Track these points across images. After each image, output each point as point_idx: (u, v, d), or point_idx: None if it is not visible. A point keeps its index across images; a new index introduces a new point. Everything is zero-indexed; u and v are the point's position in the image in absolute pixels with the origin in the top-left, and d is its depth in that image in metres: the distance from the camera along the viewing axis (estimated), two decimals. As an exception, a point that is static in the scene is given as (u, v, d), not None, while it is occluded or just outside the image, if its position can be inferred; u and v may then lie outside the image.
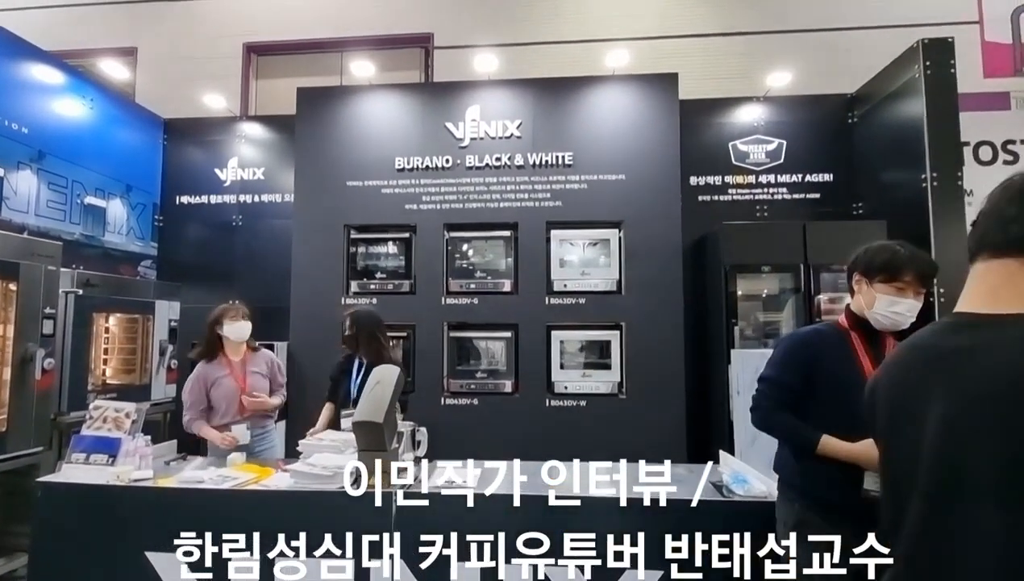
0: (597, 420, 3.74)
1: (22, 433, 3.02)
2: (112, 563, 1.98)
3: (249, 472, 2.20)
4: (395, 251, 4.07)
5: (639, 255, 3.82)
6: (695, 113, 4.32)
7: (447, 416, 3.78)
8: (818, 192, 4.35)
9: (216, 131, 5.03)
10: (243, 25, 6.01)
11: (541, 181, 3.96)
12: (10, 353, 2.98)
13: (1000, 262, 0.84)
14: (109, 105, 4.55)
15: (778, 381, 1.73)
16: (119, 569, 1.97)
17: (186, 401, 2.83)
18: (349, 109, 4.16)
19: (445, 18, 5.79)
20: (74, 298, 3.46)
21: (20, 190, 3.77)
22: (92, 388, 3.63)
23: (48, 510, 2.05)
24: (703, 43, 5.51)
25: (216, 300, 4.76)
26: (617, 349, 3.82)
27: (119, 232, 4.62)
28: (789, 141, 4.38)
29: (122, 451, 2.13)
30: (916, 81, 3.57)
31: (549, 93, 4.05)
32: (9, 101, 3.70)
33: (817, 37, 5.43)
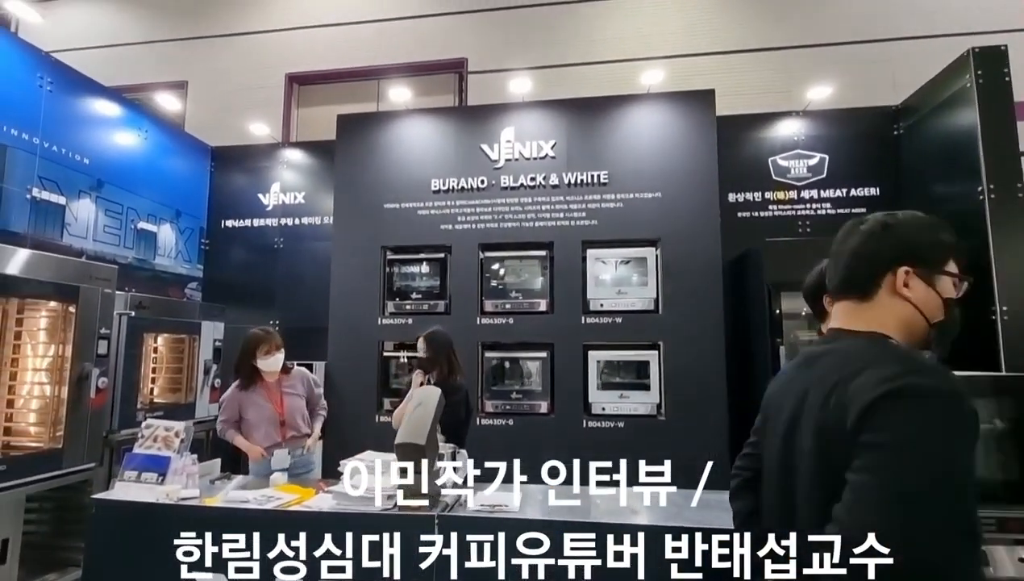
0: (636, 442, 3.64)
1: (77, 450, 3.13)
2: (159, 580, 2.01)
3: (292, 492, 2.22)
4: (431, 271, 4.11)
5: (677, 273, 3.75)
6: (732, 129, 4.26)
7: (482, 436, 3.75)
8: (864, 206, 4.20)
9: (260, 158, 5.24)
10: (285, 56, 6.30)
11: (576, 200, 3.95)
12: (68, 372, 3.12)
13: (840, 304, 1.07)
14: (161, 135, 4.80)
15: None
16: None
17: (221, 410, 2.95)
18: (386, 134, 4.27)
19: (478, 43, 5.93)
20: (127, 319, 3.61)
21: (80, 217, 3.98)
22: (141, 407, 3.75)
23: (102, 527, 2.10)
24: (737, 59, 5.47)
25: (259, 321, 4.91)
26: (656, 369, 3.73)
27: (168, 255, 4.82)
28: (831, 155, 4.26)
29: (171, 469, 2.18)
30: (968, 91, 3.43)
31: (583, 113, 4.07)
32: (73, 134, 3.94)
33: (856, 49, 5.32)
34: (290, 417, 2.95)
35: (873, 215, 1.06)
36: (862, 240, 1.03)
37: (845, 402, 0.87)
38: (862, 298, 1.02)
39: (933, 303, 0.99)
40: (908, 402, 0.81)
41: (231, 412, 2.92)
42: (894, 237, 1.01)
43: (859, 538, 0.79)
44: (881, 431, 0.81)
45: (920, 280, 0.99)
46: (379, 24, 6.16)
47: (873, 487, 0.80)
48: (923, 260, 0.99)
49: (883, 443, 0.81)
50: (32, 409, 3.16)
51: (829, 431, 0.89)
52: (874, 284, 1.01)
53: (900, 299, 0.99)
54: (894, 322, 0.99)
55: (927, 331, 1.00)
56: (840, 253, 1.07)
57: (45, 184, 3.72)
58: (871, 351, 0.94)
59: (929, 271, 0.99)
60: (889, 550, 0.77)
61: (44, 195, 3.71)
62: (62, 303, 3.11)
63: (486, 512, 1.99)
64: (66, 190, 3.86)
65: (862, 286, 1.02)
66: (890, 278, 1.00)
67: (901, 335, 0.99)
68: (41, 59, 3.76)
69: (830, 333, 1.07)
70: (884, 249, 1.01)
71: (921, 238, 1.01)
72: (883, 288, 1.00)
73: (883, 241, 1.01)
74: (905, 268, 0.99)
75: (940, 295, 0.99)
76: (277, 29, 6.39)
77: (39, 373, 3.17)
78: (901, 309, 0.99)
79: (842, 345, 1.00)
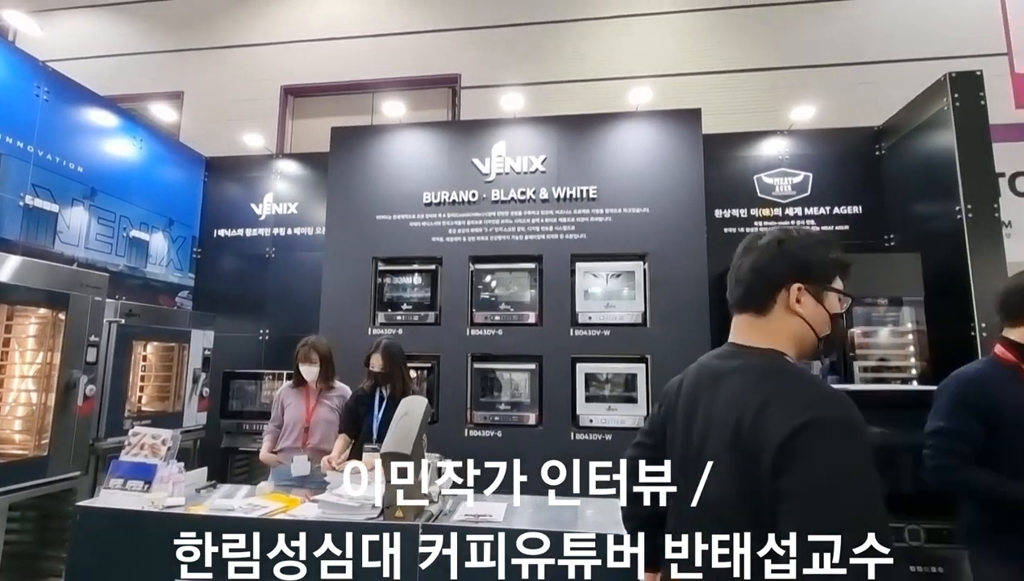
0: (623, 453, 3.66)
1: (62, 458, 3.11)
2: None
3: (277, 501, 2.23)
4: (421, 282, 4.14)
5: (664, 287, 3.80)
6: (719, 147, 4.36)
7: (470, 447, 3.76)
8: (847, 224, 4.30)
9: (254, 168, 5.28)
10: (281, 69, 6.37)
11: (565, 214, 4.01)
12: (56, 380, 3.11)
13: (739, 317, 1.12)
14: (156, 145, 4.84)
15: (955, 431, 1.54)
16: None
17: (272, 413, 3.20)
18: (380, 147, 4.33)
19: (472, 59, 6.03)
20: (116, 327, 3.61)
21: (73, 225, 4.00)
22: (128, 415, 3.74)
23: (85, 534, 2.10)
24: (724, 79, 5.60)
25: (249, 330, 4.92)
26: (643, 382, 3.77)
27: (160, 264, 4.83)
28: (815, 174, 4.36)
29: (157, 477, 2.19)
30: (945, 113, 3.55)
31: (573, 129, 4.15)
32: (68, 142, 3.97)
33: (840, 71, 5.47)
34: (315, 426, 3.03)
35: (770, 230, 1.12)
36: (759, 256, 1.08)
37: (766, 427, 0.91)
38: (759, 313, 1.08)
39: (821, 318, 1.05)
40: (830, 438, 0.87)
41: (275, 414, 3.16)
42: (788, 254, 1.06)
43: None
44: (793, 475, 0.86)
45: (810, 296, 1.05)
46: (374, 39, 6.26)
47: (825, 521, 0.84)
48: (813, 277, 1.05)
49: (798, 492, 0.86)
50: (18, 416, 3.15)
51: (746, 447, 0.94)
52: (771, 299, 1.06)
53: (792, 315, 1.05)
54: (787, 337, 1.06)
55: (816, 345, 1.06)
56: (739, 268, 1.12)
57: (38, 191, 3.73)
58: (773, 375, 1.00)
59: (818, 288, 1.05)
60: None
61: (37, 202, 3.72)
62: (52, 310, 3.12)
63: (471, 522, 2.01)
64: (59, 198, 3.88)
65: (760, 302, 1.07)
66: (784, 294, 1.05)
67: (794, 349, 1.06)
68: (38, 68, 3.80)
69: (730, 347, 1.12)
70: (779, 266, 1.06)
71: (812, 256, 1.06)
72: (778, 304, 1.06)
73: (778, 258, 1.06)
74: (798, 285, 1.04)
75: (827, 311, 1.06)
76: (273, 42, 6.46)
77: (26, 380, 3.16)
78: (793, 324, 1.05)
79: (745, 364, 1.05)
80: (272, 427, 3.17)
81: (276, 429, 3.15)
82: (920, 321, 3.52)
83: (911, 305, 3.57)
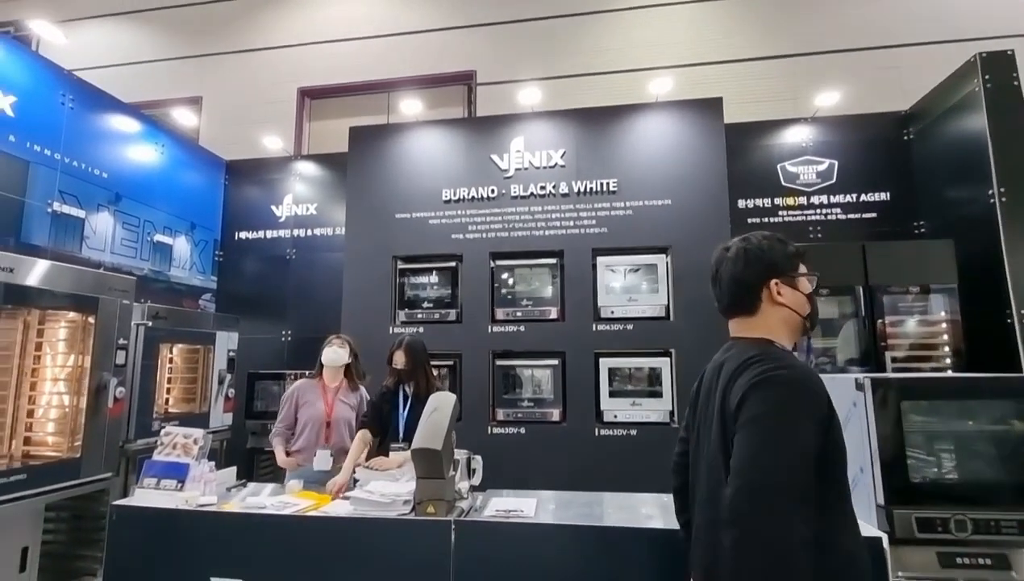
0: (648, 450, 3.62)
1: (95, 459, 3.16)
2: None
3: (308, 499, 2.23)
4: (442, 280, 4.14)
5: (688, 280, 3.75)
6: (741, 136, 4.29)
7: (494, 444, 3.74)
8: (874, 211, 4.20)
9: (273, 170, 5.33)
10: (297, 71, 6.42)
11: (586, 208, 3.98)
12: (87, 382, 3.16)
13: (734, 320, 1.33)
14: (177, 150, 4.90)
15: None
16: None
17: (279, 413, 3.06)
18: (397, 145, 4.33)
19: (487, 55, 6.01)
20: (144, 330, 3.66)
21: (99, 230, 4.06)
22: (156, 416, 3.79)
23: (121, 533, 2.12)
24: (745, 67, 5.51)
25: (272, 331, 4.97)
26: (668, 376, 3.72)
27: (183, 267, 4.89)
28: (841, 161, 4.27)
29: (190, 476, 2.20)
30: (976, 95, 3.45)
31: (592, 122, 4.11)
32: (93, 149, 4.04)
33: (865, 56, 5.35)
34: (335, 422, 3.00)
35: (732, 241, 1.33)
36: (733, 267, 1.28)
37: (732, 393, 1.15)
38: (750, 313, 1.28)
39: (800, 301, 1.26)
40: (763, 390, 1.09)
41: (286, 413, 3.03)
42: (758, 259, 1.26)
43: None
44: (746, 411, 1.10)
45: (786, 286, 1.25)
46: (389, 38, 6.27)
47: (740, 447, 1.08)
48: (783, 270, 1.25)
49: (745, 420, 1.09)
50: (51, 419, 3.20)
51: (725, 415, 1.16)
52: (756, 300, 1.26)
53: (778, 306, 1.25)
54: (778, 325, 1.26)
55: (803, 323, 1.27)
56: (720, 278, 1.32)
57: (65, 198, 3.80)
58: (753, 354, 1.18)
59: (789, 278, 1.25)
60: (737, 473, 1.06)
61: (64, 209, 3.79)
62: (81, 314, 3.17)
63: (501, 517, 2.00)
64: (85, 204, 3.95)
65: (748, 305, 1.27)
66: (766, 292, 1.25)
67: (787, 333, 1.27)
68: (63, 77, 3.87)
69: (731, 341, 1.32)
70: (754, 271, 1.26)
71: (775, 254, 1.26)
72: (764, 301, 1.26)
73: (749, 264, 1.26)
74: (774, 280, 1.25)
75: (803, 293, 1.26)
76: (289, 45, 6.51)
77: (58, 383, 3.21)
78: (781, 314, 1.26)
79: (737, 350, 1.24)
80: (281, 428, 3.01)
81: (286, 430, 3.01)
82: (953, 309, 3.43)
83: (942, 293, 3.48)
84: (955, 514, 1.82)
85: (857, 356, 3.63)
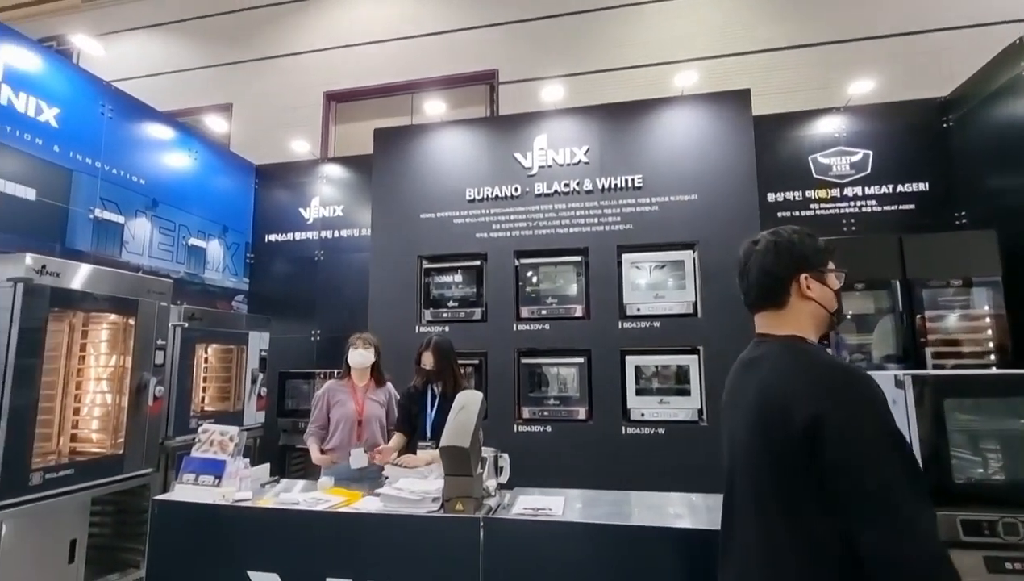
0: (676, 448, 3.58)
1: (136, 455, 3.29)
2: (217, 578, 2.09)
3: (339, 495, 2.28)
4: (466, 279, 4.15)
5: (716, 276, 3.68)
6: (770, 128, 4.18)
7: (520, 443, 3.75)
8: (912, 203, 4.05)
9: (300, 173, 5.44)
10: (323, 76, 6.53)
11: (610, 205, 3.94)
12: (128, 381, 3.29)
13: (761, 314, 1.30)
14: (210, 156, 5.04)
15: None
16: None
17: (311, 414, 3.09)
18: (421, 146, 4.37)
19: (509, 54, 6.01)
20: (180, 331, 3.78)
21: (137, 235, 4.21)
22: (193, 414, 3.91)
23: (162, 526, 2.20)
24: (773, 57, 5.37)
25: (301, 331, 5.07)
26: (696, 374, 3.66)
27: (216, 269, 5.04)
28: (876, 151, 4.13)
29: (226, 472, 2.27)
30: (1020, 79, 3.29)
31: (615, 118, 4.07)
32: (131, 157, 4.19)
33: (901, 41, 5.15)
34: (367, 420, 3.04)
35: (760, 235, 1.31)
36: (763, 259, 1.26)
37: (785, 414, 1.08)
38: (778, 307, 1.26)
39: (828, 296, 1.24)
40: (853, 407, 1.03)
41: (319, 413, 3.07)
42: (788, 252, 1.25)
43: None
44: (843, 433, 1.02)
45: (815, 281, 1.23)
46: (411, 40, 6.33)
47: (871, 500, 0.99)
48: (813, 265, 1.24)
49: (854, 452, 1.01)
50: (95, 416, 3.34)
51: (771, 428, 1.11)
52: (786, 293, 1.24)
53: (807, 300, 1.23)
54: (807, 320, 1.24)
55: (831, 319, 1.26)
56: (747, 272, 1.30)
57: (106, 205, 3.95)
58: (792, 356, 1.17)
59: (819, 273, 1.24)
60: None
61: (105, 215, 3.94)
62: (122, 316, 3.29)
63: (530, 515, 2.00)
64: (124, 210, 4.10)
65: (777, 298, 1.25)
66: (795, 286, 1.24)
67: (813, 329, 1.24)
68: (103, 88, 4.02)
69: (758, 338, 1.30)
70: (783, 264, 1.24)
71: (805, 248, 1.25)
72: (793, 295, 1.24)
73: (779, 257, 1.25)
74: (804, 274, 1.23)
75: (831, 288, 1.25)
76: (315, 50, 6.64)
77: (101, 382, 3.35)
78: (809, 308, 1.24)
79: (769, 350, 1.23)
80: (314, 428, 3.06)
81: (319, 430, 3.05)
82: (997, 303, 3.28)
83: (985, 286, 3.33)
84: (1003, 516, 1.74)
85: (895, 352, 3.51)
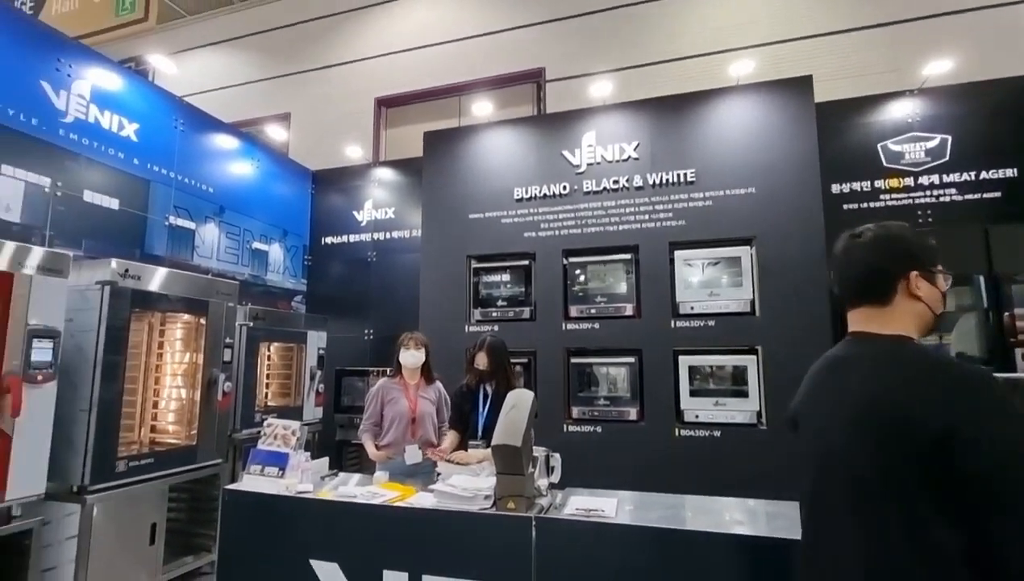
0: (733, 452, 3.44)
1: (208, 447, 3.50)
2: (282, 565, 2.19)
3: (395, 490, 2.33)
4: (515, 279, 4.16)
5: (776, 273, 3.52)
6: (834, 115, 3.95)
7: (569, 443, 3.72)
8: (998, 190, 3.72)
9: (354, 178, 5.63)
10: (373, 82, 6.73)
11: (661, 201, 3.84)
12: (200, 377, 3.51)
13: (855, 311, 1.22)
14: (270, 163, 5.30)
15: None
16: (287, 572, 2.17)
17: (365, 411, 3.15)
18: (470, 147, 4.41)
19: (555, 52, 5.98)
20: (246, 330, 4.00)
21: (207, 240, 4.49)
22: (257, 409, 4.13)
23: (232, 514, 2.33)
24: (835, 41, 5.07)
25: (356, 330, 5.24)
26: (754, 375, 3.51)
27: (277, 271, 5.29)
28: (955, 136, 3.82)
29: (290, 465, 2.37)
30: None
31: (666, 111, 3.96)
32: (201, 166, 4.47)
33: (979, 16, 4.74)
34: (420, 417, 3.10)
35: (864, 228, 1.22)
36: (868, 252, 1.19)
37: (909, 417, 0.99)
38: (881, 304, 1.17)
39: (936, 298, 1.17)
40: (1001, 418, 0.95)
41: (373, 410, 3.11)
42: (898, 247, 1.18)
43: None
44: (969, 459, 0.93)
45: (924, 281, 1.15)
46: (458, 43, 6.41)
47: None
48: (923, 263, 1.16)
49: (979, 475, 0.92)
50: (171, 410, 3.59)
51: (886, 437, 1.01)
52: (892, 290, 1.16)
53: (914, 299, 1.15)
54: (912, 320, 1.16)
55: (935, 322, 1.18)
56: (848, 265, 1.22)
57: (179, 212, 4.23)
58: (907, 359, 1.08)
59: (929, 272, 1.16)
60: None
61: (179, 222, 4.22)
62: (194, 316, 3.52)
63: (582, 516, 1.98)
64: (195, 216, 4.37)
65: (882, 293, 1.17)
66: (903, 283, 1.15)
67: (918, 330, 1.16)
68: (176, 103, 4.31)
69: (853, 336, 1.21)
70: (893, 258, 1.17)
71: (915, 246, 1.18)
72: (899, 293, 1.16)
73: (889, 251, 1.18)
74: (914, 272, 1.15)
75: (940, 290, 1.17)
76: (365, 58, 6.84)
77: (176, 378, 3.59)
78: (916, 308, 1.16)
79: (872, 350, 1.14)
80: (368, 425, 3.09)
81: (374, 427, 3.10)
82: (1103, 299, 2.97)
83: (1087, 280, 3.02)
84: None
85: (979, 353, 3.24)
